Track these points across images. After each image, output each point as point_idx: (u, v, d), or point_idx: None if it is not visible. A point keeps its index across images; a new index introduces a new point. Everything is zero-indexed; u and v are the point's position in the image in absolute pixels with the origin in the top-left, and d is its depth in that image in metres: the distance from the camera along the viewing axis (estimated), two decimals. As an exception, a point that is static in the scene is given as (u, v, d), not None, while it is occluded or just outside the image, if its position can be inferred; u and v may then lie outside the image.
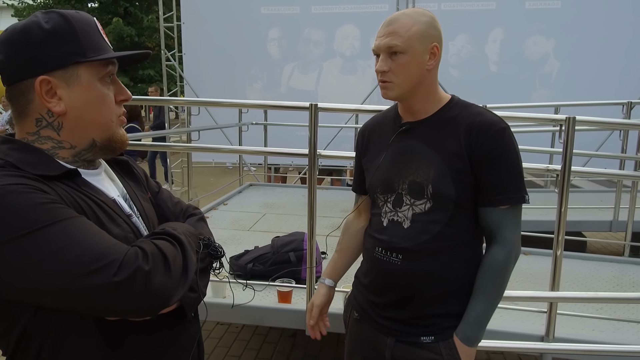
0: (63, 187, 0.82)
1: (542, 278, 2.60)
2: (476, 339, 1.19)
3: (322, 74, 6.66)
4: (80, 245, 0.74)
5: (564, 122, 1.88)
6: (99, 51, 0.85)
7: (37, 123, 0.85)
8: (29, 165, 0.80)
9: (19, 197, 0.74)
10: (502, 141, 1.15)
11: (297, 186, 5.74)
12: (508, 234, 1.17)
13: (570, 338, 2.00)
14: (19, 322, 0.79)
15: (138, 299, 0.76)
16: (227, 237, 3.30)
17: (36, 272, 0.72)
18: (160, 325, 0.90)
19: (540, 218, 3.69)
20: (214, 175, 8.80)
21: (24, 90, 0.83)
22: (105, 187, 0.92)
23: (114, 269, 0.73)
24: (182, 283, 0.83)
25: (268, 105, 4.21)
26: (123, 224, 0.88)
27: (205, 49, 6.76)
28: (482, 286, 1.19)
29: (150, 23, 14.86)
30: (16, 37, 0.82)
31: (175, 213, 1.11)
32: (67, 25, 0.83)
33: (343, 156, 2.55)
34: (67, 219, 0.75)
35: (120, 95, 0.91)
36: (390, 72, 1.17)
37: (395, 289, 1.24)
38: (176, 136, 8.16)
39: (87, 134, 0.87)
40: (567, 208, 1.92)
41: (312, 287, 2.13)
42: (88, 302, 0.75)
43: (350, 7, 6.37)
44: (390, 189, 1.24)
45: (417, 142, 1.22)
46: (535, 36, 6.18)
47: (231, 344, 3.21)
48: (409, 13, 1.18)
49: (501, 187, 1.16)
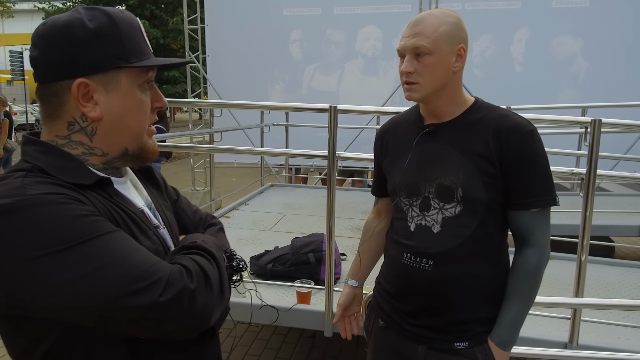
0: (96, 197, 0.77)
1: (566, 284, 2.54)
2: (511, 343, 1.18)
3: (343, 75, 6.66)
4: (123, 262, 0.69)
5: (589, 124, 1.83)
6: (141, 56, 0.80)
7: (68, 127, 0.79)
8: (59, 171, 0.75)
9: (57, 208, 0.69)
10: (532, 144, 1.13)
11: (318, 187, 5.75)
12: (540, 236, 1.16)
13: (595, 346, 1.95)
14: (45, 341, 0.73)
15: (182, 319, 0.73)
16: (247, 237, 3.33)
17: (74, 289, 0.67)
18: (189, 342, 0.86)
19: (566, 222, 3.60)
20: (237, 175, 8.90)
21: (58, 91, 0.77)
22: (132, 197, 0.87)
23: (160, 289, 0.70)
24: (220, 301, 0.80)
25: (288, 107, 4.25)
26: (153, 236, 0.84)
27: (228, 51, 6.84)
28: (515, 289, 1.17)
29: (175, 25, 15.14)
30: (56, 34, 0.76)
31: (195, 222, 1.06)
32: (112, 26, 0.77)
33: (362, 158, 2.54)
34: (107, 233, 0.71)
35: (156, 102, 0.86)
36: (416, 73, 1.15)
37: (426, 296, 1.21)
38: (199, 137, 8.27)
39: (121, 141, 0.82)
40: (593, 212, 1.87)
41: (330, 288, 2.13)
42: (129, 322, 0.70)
43: (372, 8, 6.34)
44: (415, 193, 1.22)
45: (443, 145, 1.20)
46: (562, 36, 6.04)
47: (251, 343, 3.24)
48: (435, 13, 1.16)
49: (532, 190, 1.14)
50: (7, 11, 15.76)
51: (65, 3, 16.01)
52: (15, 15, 16.40)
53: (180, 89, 15.60)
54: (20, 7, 24.83)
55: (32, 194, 0.69)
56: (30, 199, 0.68)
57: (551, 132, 4.15)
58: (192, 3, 7.57)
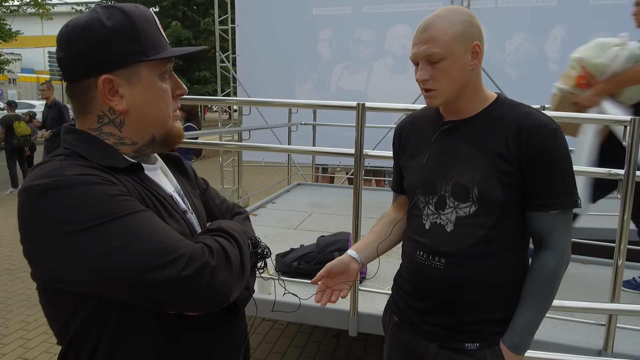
0: (128, 180, 0.82)
1: (601, 289, 2.45)
2: (524, 347, 1.14)
3: (372, 74, 6.61)
4: (149, 238, 0.74)
5: (628, 123, 1.76)
6: (158, 48, 0.85)
7: (99, 120, 0.85)
8: (94, 156, 0.81)
9: (90, 188, 0.74)
10: (554, 143, 1.08)
11: (344, 186, 5.73)
12: (559, 239, 1.12)
13: (631, 354, 1.87)
14: (81, 311, 0.79)
15: (203, 293, 0.76)
16: (274, 235, 3.35)
17: (105, 264, 0.72)
18: (214, 321, 0.90)
19: (602, 226, 3.47)
20: (264, 174, 8.97)
21: (86, 89, 0.83)
22: (162, 182, 0.93)
23: (183, 264, 0.74)
24: (240, 280, 0.84)
25: (316, 105, 4.24)
26: (180, 219, 0.89)
27: (258, 51, 6.90)
28: (531, 293, 1.13)
29: (206, 26, 15.38)
30: (78, 35, 0.81)
31: (222, 210, 1.12)
32: (129, 22, 0.82)
33: (389, 156, 2.52)
34: (136, 212, 0.76)
35: (177, 89, 0.91)
36: (432, 79, 1.13)
37: (437, 294, 1.20)
38: (228, 135, 8.38)
39: (148, 130, 0.88)
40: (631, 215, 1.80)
41: (356, 287, 2.12)
42: (155, 296, 0.74)
43: (402, 7, 6.27)
44: (431, 191, 1.20)
45: (462, 142, 1.17)
46: (600, 33, 5.79)
47: (276, 341, 3.25)
48: (442, 15, 1.11)
49: (552, 191, 1.10)
50: (47, 13, 16.35)
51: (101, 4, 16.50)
52: (54, 18, 17.00)
53: (211, 89, 15.85)
54: (58, 9, 25.75)
55: (69, 175, 0.75)
56: (66, 179, 0.74)
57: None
58: (223, 4, 7.68)
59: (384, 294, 2.30)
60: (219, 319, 0.91)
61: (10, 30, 15.22)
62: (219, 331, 0.93)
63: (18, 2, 15.74)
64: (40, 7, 15.67)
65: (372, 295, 2.34)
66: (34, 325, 3.48)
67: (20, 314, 3.68)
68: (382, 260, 1.73)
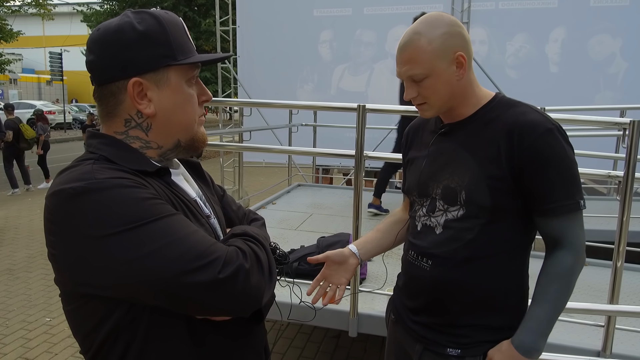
0: (157, 184, 0.82)
1: (600, 290, 2.46)
2: (536, 350, 1.07)
3: (372, 76, 6.63)
4: (184, 242, 0.73)
5: (627, 125, 1.77)
6: (187, 54, 0.85)
7: (125, 123, 0.84)
8: (123, 160, 0.80)
9: (124, 191, 0.73)
10: (549, 144, 1.03)
11: (345, 187, 5.74)
12: (573, 238, 1.07)
13: (630, 355, 1.88)
14: (111, 318, 0.77)
15: (237, 297, 0.76)
16: (274, 236, 3.32)
17: (140, 267, 0.71)
18: (239, 326, 0.90)
19: (602, 227, 3.48)
20: (265, 175, 8.98)
21: (115, 92, 0.82)
22: (186, 187, 0.93)
23: (219, 266, 0.74)
24: (270, 283, 0.84)
25: (316, 106, 4.25)
26: (205, 224, 0.89)
27: (259, 52, 6.91)
28: (545, 292, 1.08)
29: (207, 27, 15.37)
30: (110, 38, 0.81)
31: (239, 217, 1.11)
32: (160, 27, 0.82)
33: (390, 158, 2.53)
34: (168, 216, 0.75)
35: (202, 96, 0.90)
36: (420, 96, 1.13)
37: (424, 294, 1.21)
38: (229, 136, 8.39)
39: (174, 134, 0.87)
40: (630, 217, 1.80)
41: (356, 288, 2.13)
42: (189, 299, 0.74)
43: (403, 8, 6.29)
44: (425, 194, 1.20)
45: (455, 145, 1.16)
46: (601, 35, 5.84)
47: (275, 341, 3.26)
48: (420, 30, 1.08)
49: (552, 194, 1.05)
50: (48, 14, 16.38)
51: (102, 5, 16.52)
52: (55, 18, 17.02)
53: (212, 90, 15.82)
54: (59, 10, 25.79)
55: (102, 178, 0.74)
56: (99, 182, 0.73)
57: (588, 135, 4.02)
58: (225, 5, 7.69)
59: (384, 294, 2.30)
60: (245, 326, 0.90)
61: (11, 31, 15.26)
62: (241, 335, 0.92)
63: (19, 3, 15.77)
64: (42, 7, 15.71)
65: (372, 296, 2.34)
66: (34, 325, 3.49)
67: (20, 314, 3.69)
68: (382, 261, 1.74)
